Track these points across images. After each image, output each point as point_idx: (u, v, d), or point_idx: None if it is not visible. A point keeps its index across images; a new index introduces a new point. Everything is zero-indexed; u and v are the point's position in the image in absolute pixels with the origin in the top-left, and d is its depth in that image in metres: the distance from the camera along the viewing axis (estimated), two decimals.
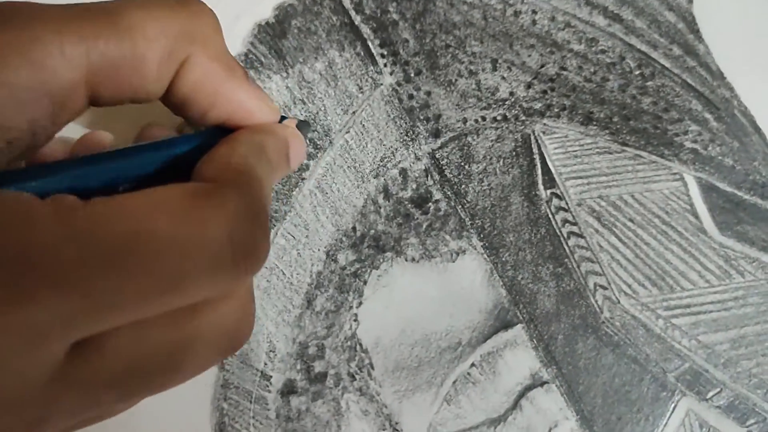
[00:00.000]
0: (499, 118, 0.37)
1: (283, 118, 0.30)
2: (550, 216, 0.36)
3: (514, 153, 0.37)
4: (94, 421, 0.23)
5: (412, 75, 0.37)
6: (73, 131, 0.28)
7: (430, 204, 0.36)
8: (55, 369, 0.19)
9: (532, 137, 0.37)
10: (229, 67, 0.26)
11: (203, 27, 0.25)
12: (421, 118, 0.37)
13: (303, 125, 0.30)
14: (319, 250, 0.35)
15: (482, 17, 0.38)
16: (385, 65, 0.37)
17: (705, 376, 0.35)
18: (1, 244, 0.18)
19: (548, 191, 0.37)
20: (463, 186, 0.36)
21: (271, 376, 0.33)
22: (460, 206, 0.36)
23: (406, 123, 0.37)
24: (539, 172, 0.37)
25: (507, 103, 0.37)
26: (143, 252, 0.19)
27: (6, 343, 0.18)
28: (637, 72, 0.38)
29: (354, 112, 0.37)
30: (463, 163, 0.37)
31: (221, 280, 0.21)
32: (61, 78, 0.22)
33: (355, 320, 0.34)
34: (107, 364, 0.20)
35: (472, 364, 0.34)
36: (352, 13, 0.37)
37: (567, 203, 0.36)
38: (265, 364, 0.33)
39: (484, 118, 0.37)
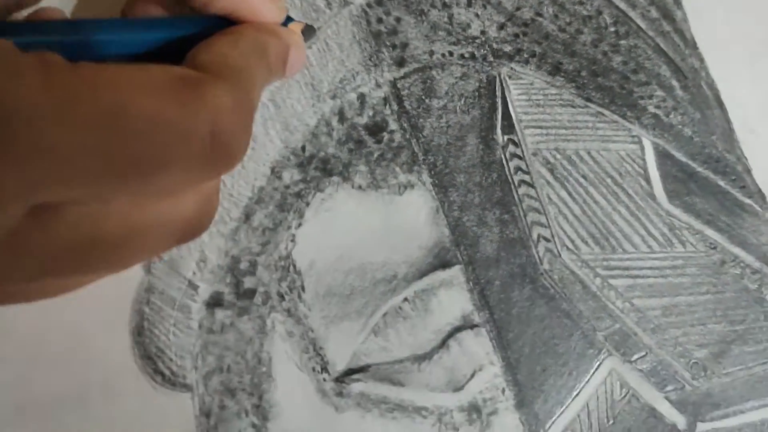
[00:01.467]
0: (466, 55, 0.36)
1: (289, 19, 0.28)
2: (504, 162, 0.36)
3: (476, 93, 0.36)
4: (37, 296, 0.22)
5: None
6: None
7: (385, 133, 0.35)
8: (10, 230, 0.18)
9: (498, 80, 0.36)
10: None
11: None
12: (388, 44, 0.36)
13: (308, 30, 0.29)
14: (264, 165, 0.34)
15: None
16: None
17: (633, 339, 0.35)
18: None
19: (505, 137, 0.36)
20: (420, 120, 0.35)
21: (198, 286, 0.32)
22: (414, 140, 0.35)
23: (371, 47, 0.35)
24: (499, 116, 0.36)
25: (477, 41, 0.36)
26: (124, 128, 0.19)
27: None
28: (612, 29, 0.37)
29: (319, 28, 0.35)
30: (423, 97, 0.36)
31: (194, 173, 0.21)
32: None
33: (292, 240, 0.33)
34: (63, 233, 0.20)
35: (405, 299, 0.34)
36: None
37: (523, 151, 0.36)
38: (194, 273, 0.32)
39: (451, 53, 0.36)
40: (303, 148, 0.34)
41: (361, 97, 0.35)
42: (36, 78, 0.17)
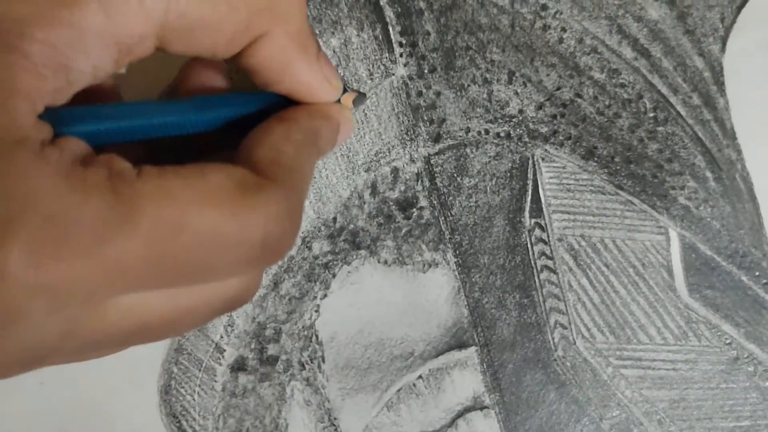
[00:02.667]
0: (502, 134, 0.37)
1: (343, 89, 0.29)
2: (529, 245, 0.36)
3: (508, 174, 0.37)
4: (78, 360, 0.24)
5: (426, 71, 0.36)
6: None
7: (415, 210, 0.36)
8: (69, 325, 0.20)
9: (531, 161, 0.37)
10: (304, 46, 0.26)
11: (287, 4, 0.25)
12: (425, 118, 0.36)
13: (359, 98, 0.30)
14: None
15: (509, 24, 0.37)
16: (401, 55, 0.36)
17: (638, 429, 0.36)
18: (55, 206, 0.19)
19: (533, 220, 0.36)
20: (450, 198, 0.36)
21: (224, 350, 0.34)
22: (443, 218, 0.36)
23: (408, 120, 0.36)
24: (529, 198, 0.36)
25: (514, 120, 0.37)
26: (181, 243, 0.20)
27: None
28: (651, 114, 0.37)
29: (368, 98, 0.36)
30: (455, 175, 0.36)
31: (243, 272, 0.23)
32: (134, 29, 0.22)
33: (316, 311, 0.35)
34: (113, 321, 0.21)
35: (420, 377, 0.35)
36: None
37: (548, 236, 0.36)
38: (222, 337, 0.34)
39: (487, 132, 0.37)
40: (334, 220, 0.35)
41: (395, 172, 0.36)
42: (101, 199, 0.19)
